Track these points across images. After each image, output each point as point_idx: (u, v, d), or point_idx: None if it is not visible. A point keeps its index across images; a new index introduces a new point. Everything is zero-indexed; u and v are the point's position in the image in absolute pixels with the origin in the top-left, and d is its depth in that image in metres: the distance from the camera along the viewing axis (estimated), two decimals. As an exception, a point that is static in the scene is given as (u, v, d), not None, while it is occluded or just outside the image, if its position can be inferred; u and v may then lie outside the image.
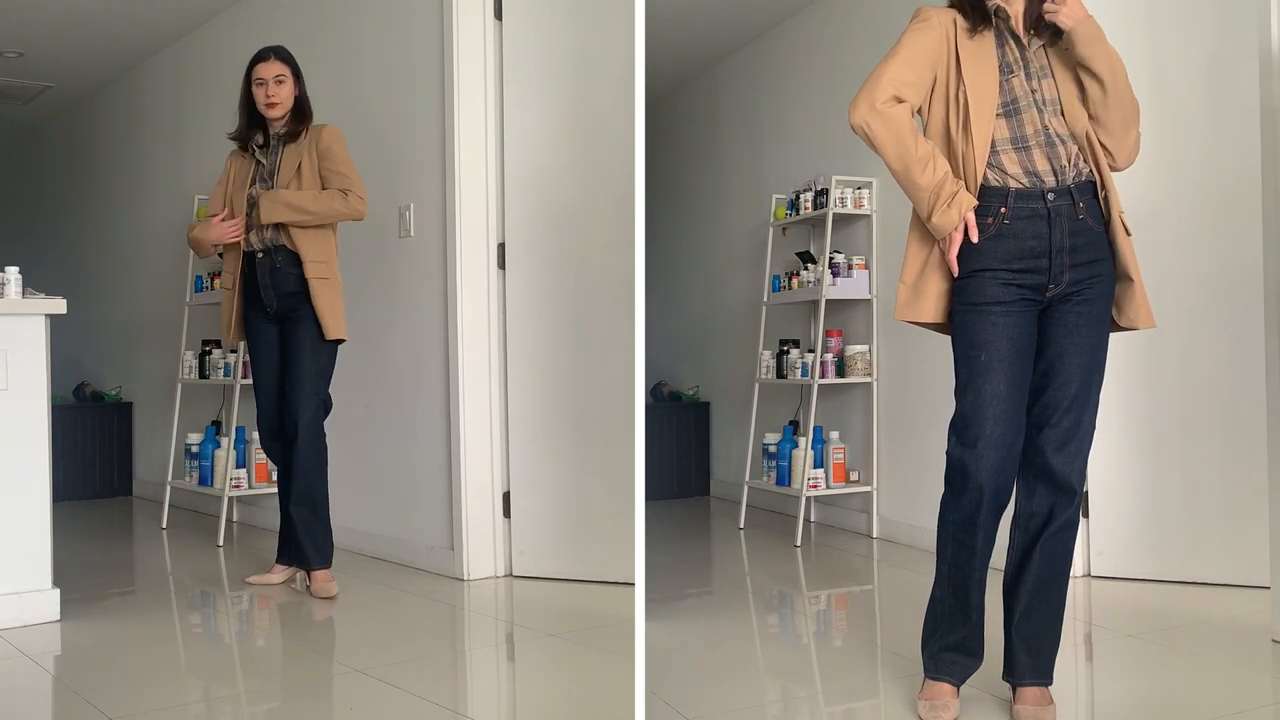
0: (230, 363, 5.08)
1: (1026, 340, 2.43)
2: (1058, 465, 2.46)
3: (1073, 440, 2.47)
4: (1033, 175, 2.42)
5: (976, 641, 2.55)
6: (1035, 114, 2.44)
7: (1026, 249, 2.41)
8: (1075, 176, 2.44)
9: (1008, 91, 2.44)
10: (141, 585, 4.23)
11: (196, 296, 5.32)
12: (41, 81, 6.58)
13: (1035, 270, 2.41)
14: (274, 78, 3.76)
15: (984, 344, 2.41)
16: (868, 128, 2.41)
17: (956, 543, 2.49)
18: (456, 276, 3.99)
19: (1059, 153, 2.43)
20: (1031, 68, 2.46)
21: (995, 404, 2.40)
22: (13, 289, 3.41)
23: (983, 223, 2.41)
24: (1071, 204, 2.42)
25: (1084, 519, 3.91)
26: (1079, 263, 2.43)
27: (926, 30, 2.46)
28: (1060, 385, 2.46)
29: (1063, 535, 2.51)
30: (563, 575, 3.91)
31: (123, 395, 6.51)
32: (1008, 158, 2.43)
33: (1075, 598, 3.65)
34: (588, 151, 3.89)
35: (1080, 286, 2.43)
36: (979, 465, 2.41)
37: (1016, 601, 2.52)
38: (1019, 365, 2.42)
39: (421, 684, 2.81)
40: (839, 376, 4.87)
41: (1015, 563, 2.54)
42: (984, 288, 2.42)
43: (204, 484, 5.07)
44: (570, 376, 3.91)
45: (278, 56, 3.80)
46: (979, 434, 2.41)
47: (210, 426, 5.22)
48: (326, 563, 3.81)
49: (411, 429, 4.25)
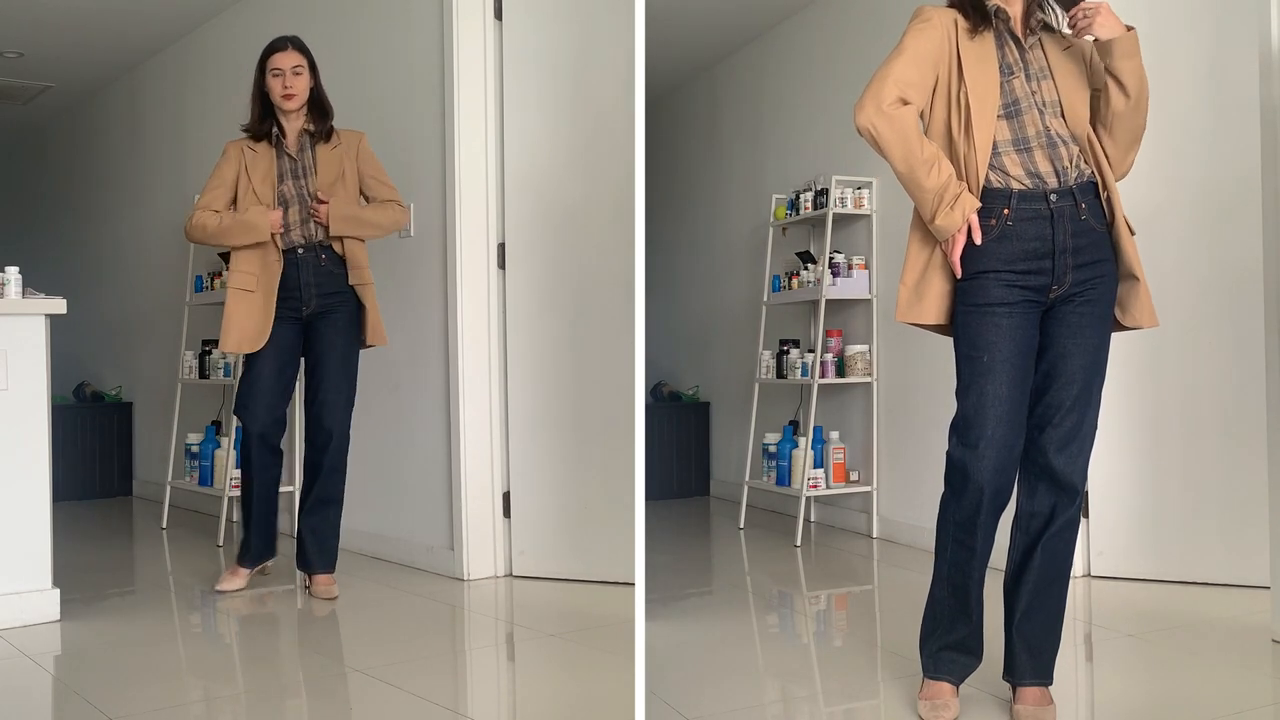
0: (230, 363, 5.08)
1: (1029, 342, 2.43)
2: (1059, 465, 2.46)
3: (1075, 440, 2.47)
4: (1035, 177, 2.42)
5: (976, 641, 2.55)
6: (1036, 115, 2.43)
7: (1030, 250, 2.41)
8: (1077, 177, 2.44)
9: (1009, 93, 2.44)
10: (141, 585, 4.23)
11: (196, 296, 5.32)
12: (41, 81, 6.58)
13: (1039, 271, 2.41)
14: (291, 68, 3.69)
15: (987, 345, 2.41)
16: (874, 130, 2.40)
17: (956, 543, 2.49)
18: (456, 276, 3.99)
19: (1061, 154, 2.43)
20: (1031, 69, 2.46)
21: (997, 405, 2.40)
22: (13, 289, 3.41)
23: (985, 224, 2.41)
24: (1074, 205, 2.42)
25: (1084, 519, 3.91)
26: (1082, 263, 2.43)
27: (928, 30, 2.45)
28: (1063, 385, 2.46)
29: (1064, 535, 2.51)
30: (563, 575, 3.91)
31: (123, 395, 6.51)
32: (1010, 159, 2.43)
33: (1075, 598, 3.65)
34: (588, 151, 3.89)
35: (1083, 287, 2.43)
36: (980, 466, 2.41)
37: (1017, 601, 2.52)
38: (1021, 367, 2.42)
39: (421, 684, 2.81)
40: (839, 376, 4.87)
41: (1016, 563, 2.54)
42: (987, 289, 2.41)
43: (204, 484, 5.07)
44: (570, 376, 3.91)
45: (295, 47, 3.72)
46: (980, 435, 2.41)
47: (210, 426, 5.22)
48: (330, 567, 3.81)
49: (411, 429, 4.25)
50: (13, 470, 3.40)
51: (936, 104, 2.47)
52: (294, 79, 3.69)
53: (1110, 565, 3.89)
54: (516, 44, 4.01)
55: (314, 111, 3.76)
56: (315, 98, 3.76)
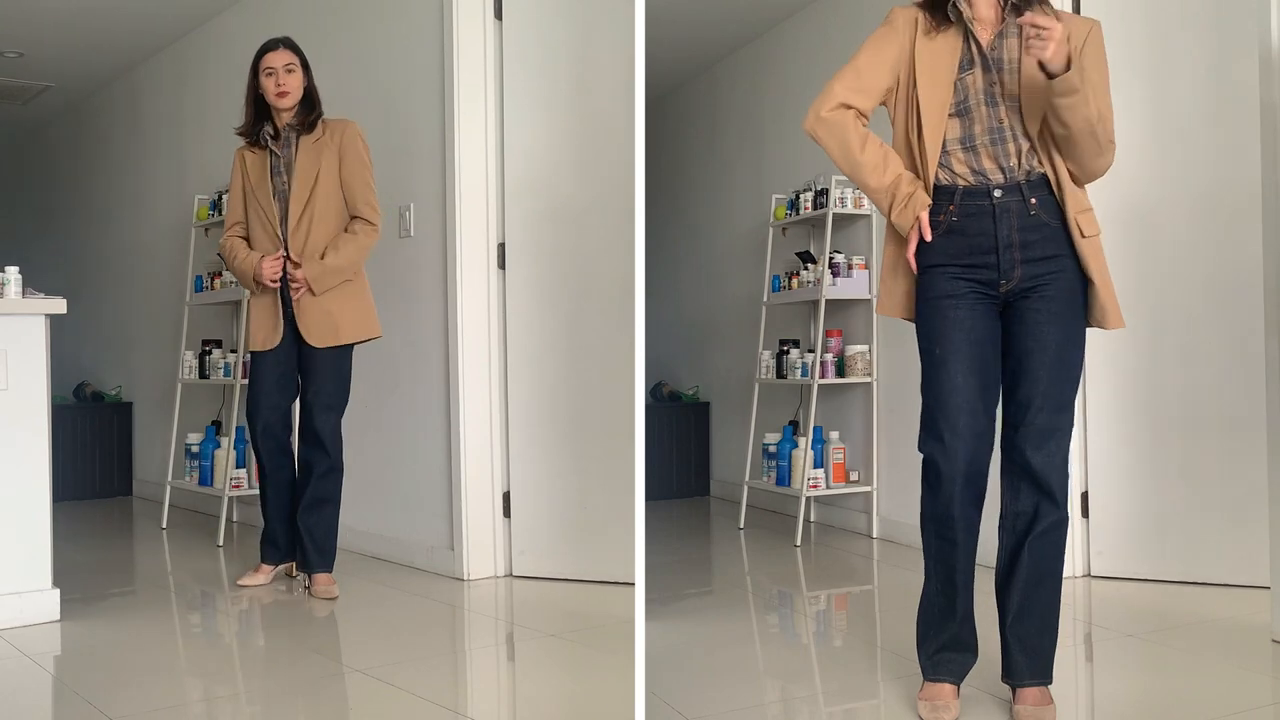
0: (230, 363, 5.08)
1: (984, 332, 2.46)
2: (1037, 465, 2.46)
3: (1050, 439, 2.46)
4: (979, 174, 2.45)
5: (970, 635, 2.56)
6: (986, 111, 2.44)
7: (974, 245, 2.44)
8: (1027, 174, 2.44)
9: (961, 90, 2.46)
10: (141, 585, 4.23)
11: (196, 296, 5.32)
12: (41, 81, 6.58)
13: (985, 266, 2.44)
14: (284, 67, 3.72)
15: (938, 338, 2.46)
16: (814, 135, 2.54)
17: (938, 538, 2.51)
18: (456, 276, 3.99)
19: (1009, 150, 2.44)
20: (991, 61, 2.45)
21: (955, 396, 2.44)
22: (13, 289, 3.41)
23: (934, 220, 2.47)
24: (1022, 200, 2.43)
25: (1084, 519, 3.91)
26: (1032, 259, 2.43)
27: (889, 34, 2.51)
28: (1030, 383, 2.46)
29: (1051, 535, 2.49)
30: (563, 575, 3.91)
31: (123, 395, 6.51)
32: (956, 158, 2.46)
33: (1075, 598, 3.66)
34: (588, 151, 3.89)
35: (1037, 282, 2.44)
36: (948, 458, 2.45)
37: (1008, 603, 2.52)
38: (976, 356, 2.45)
39: (421, 684, 2.81)
40: (839, 376, 4.87)
41: (1004, 564, 2.54)
42: (935, 283, 2.47)
43: (204, 484, 5.07)
44: (570, 376, 3.91)
45: (287, 46, 3.77)
46: (944, 427, 2.45)
47: (210, 426, 5.22)
48: (329, 566, 3.82)
49: (411, 429, 4.25)
50: (13, 470, 3.40)
51: (899, 107, 2.53)
52: (287, 77, 3.73)
53: (1110, 565, 3.89)
54: (516, 44, 4.01)
55: (305, 109, 3.79)
56: (307, 95, 3.79)
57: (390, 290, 4.28)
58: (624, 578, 3.75)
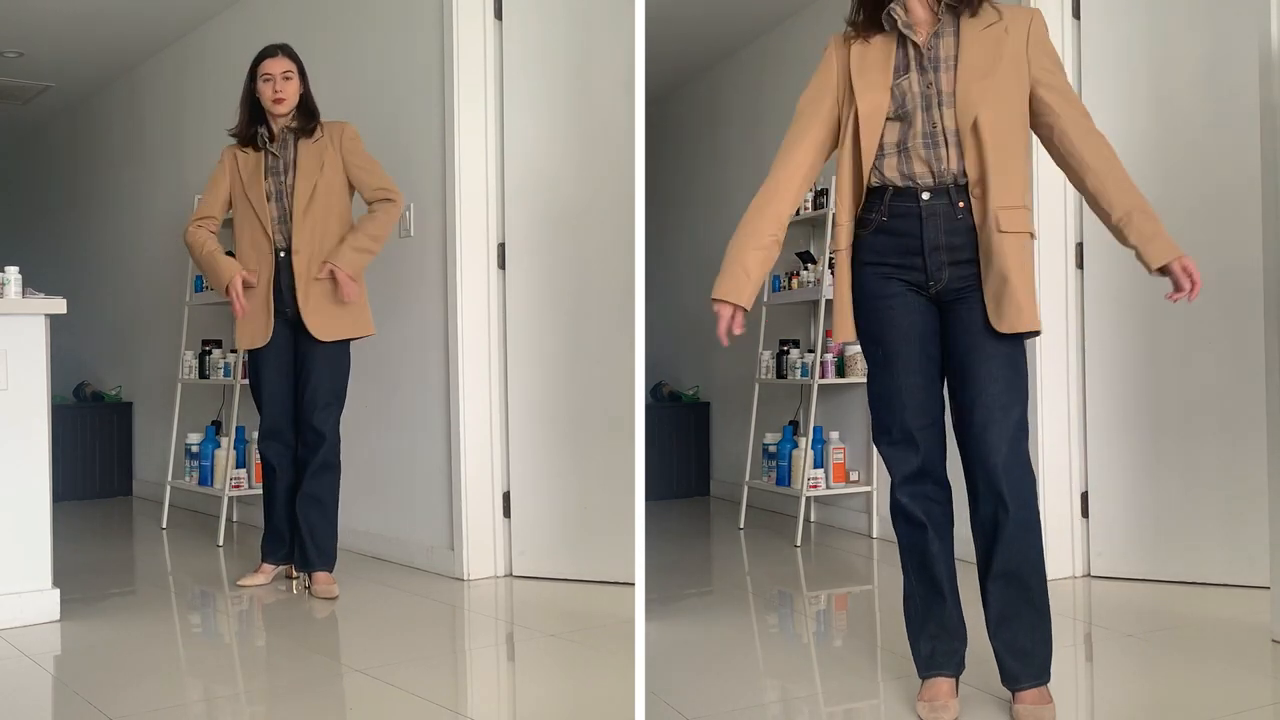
0: (230, 363, 5.08)
1: (922, 328, 2.48)
2: (989, 469, 2.43)
3: (1001, 442, 2.41)
4: (908, 177, 2.45)
5: (956, 620, 2.55)
6: (922, 116, 2.43)
7: (904, 245, 2.46)
8: (955, 178, 2.43)
9: (899, 95, 2.45)
10: (141, 585, 4.23)
11: (196, 296, 5.32)
12: (41, 81, 6.58)
13: (912, 267, 2.46)
14: (281, 74, 3.77)
15: (875, 338, 2.51)
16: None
17: (907, 523, 2.53)
18: (456, 276, 3.99)
19: (941, 154, 2.43)
20: (928, 61, 2.45)
21: (900, 395, 2.49)
22: (13, 289, 3.41)
23: (868, 218, 2.49)
24: (949, 204, 2.43)
25: (1084, 519, 3.91)
26: (959, 260, 2.43)
27: (822, 67, 2.54)
28: (974, 390, 2.43)
29: (1017, 540, 2.44)
30: (562, 575, 3.91)
31: (123, 395, 6.51)
32: (889, 161, 2.46)
33: (1075, 598, 3.66)
34: (588, 151, 3.89)
35: (968, 283, 2.43)
36: (901, 455, 2.50)
37: (990, 610, 2.50)
38: (916, 353, 2.48)
39: (421, 684, 2.81)
40: (839, 376, 4.87)
41: (980, 567, 2.53)
42: (869, 282, 2.50)
43: (204, 484, 5.07)
44: (570, 376, 3.91)
45: (285, 53, 3.81)
46: (891, 424, 2.51)
47: (210, 426, 5.22)
48: (329, 565, 3.82)
49: (411, 429, 4.25)
50: (13, 470, 3.40)
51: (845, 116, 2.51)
52: (284, 84, 3.77)
53: (1109, 565, 3.89)
54: (516, 44, 4.01)
55: (301, 114, 3.83)
56: (304, 102, 3.83)
57: (390, 290, 4.28)
58: (624, 578, 3.75)
